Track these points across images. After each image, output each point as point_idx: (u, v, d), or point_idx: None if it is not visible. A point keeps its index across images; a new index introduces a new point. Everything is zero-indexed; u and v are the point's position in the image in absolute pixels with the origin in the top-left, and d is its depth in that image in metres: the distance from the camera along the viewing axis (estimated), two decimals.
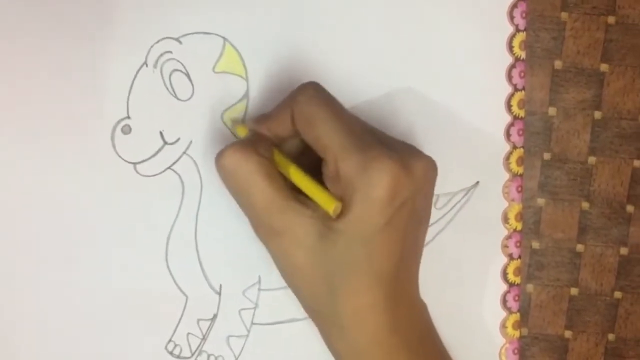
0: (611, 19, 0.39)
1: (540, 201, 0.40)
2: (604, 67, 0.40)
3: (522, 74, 0.39)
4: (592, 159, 0.40)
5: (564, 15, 0.39)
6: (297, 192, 0.33)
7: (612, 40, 0.39)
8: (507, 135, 0.39)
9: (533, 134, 0.40)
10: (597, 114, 0.40)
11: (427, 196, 0.33)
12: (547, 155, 0.40)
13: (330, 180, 0.32)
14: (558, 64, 0.39)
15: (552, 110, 0.40)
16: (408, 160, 0.31)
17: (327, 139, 0.31)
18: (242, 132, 0.36)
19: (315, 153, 0.33)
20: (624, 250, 0.41)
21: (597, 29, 0.39)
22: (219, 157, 0.32)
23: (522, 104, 0.39)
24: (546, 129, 0.40)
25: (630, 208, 0.41)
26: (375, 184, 0.30)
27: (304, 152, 0.34)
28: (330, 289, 0.32)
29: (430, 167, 0.32)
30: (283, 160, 0.33)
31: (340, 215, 0.31)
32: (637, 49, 0.40)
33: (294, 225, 0.32)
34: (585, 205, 0.41)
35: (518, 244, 0.40)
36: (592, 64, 0.40)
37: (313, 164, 0.33)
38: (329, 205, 0.31)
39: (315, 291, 0.33)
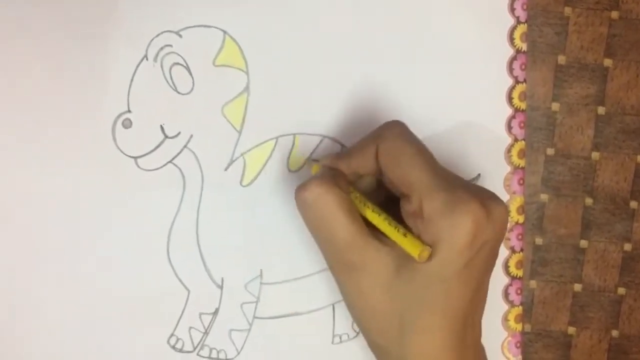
0: (614, 14, 0.39)
1: (544, 197, 0.40)
2: (607, 62, 0.39)
3: (523, 67, 0.38)
4: (595, 155, 0.40)
5: (567, 10, 0.39)
6: (373, 229, 0.32)
7: (615, 35, 0.39)
8: (509, 127, 0.38)
9: (536, 130, 0.39)
10: (601, 110, 0.39)
11: (500, 240, 0.33)
12: (550, 151, 0.39)
13: (411, 217, 0.31)
14: (561, 59, 0.39)
15: (555, 106, 0.39)
16: (489, 205, 0.30)
17: (414, 176, 0.31)
18: (315, 169, 0.35)
19: (386, 192, 0.33)
20: (627, 246, 0.40)
21: (600, 24, 0.39)
22: (301, 190, 0.32)
23: (523, 96, 0.38)
24: (549, 125, 0.39)
25: (634, 204, 0.40)
26: (460, 227, 0.30)
27: (374, 191, 0.34)
28: (400, 325, 0.32)
29: (507, 212, 0.32)
30: (359, 199, 0.33)
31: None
32: None
33: (372, 262, 0.32)
34: (588, 201, 0.40)
35: (520, 237, 0.39)
36: (596, 59, 0.39)
37: (380, 203, 0.33)
38: (414, 249, 0.30)
39: (385, 327, 0.32)
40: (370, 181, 0.34)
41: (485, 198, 0.31)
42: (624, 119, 0.39)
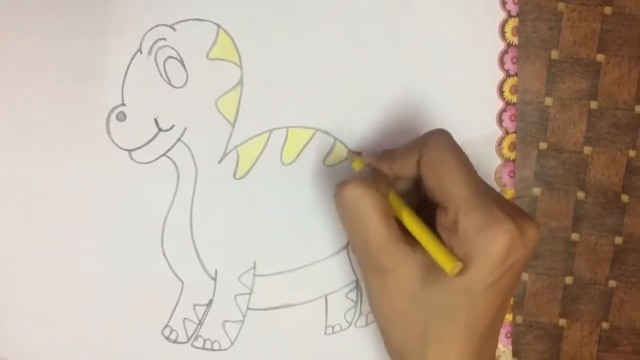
0: (608, 10, 0.38)
1: (536, 190, 0.39)
2: (600, 57, 0.39)
3: (514, 60, 0.38)
4: (587, 149, 0.39)
5: (560, 5, 0.38)
6: (406, 233, 0.32)
7: (608, 30, 0.38)
8: (500, 120, 0.38)
9: (529, 124, 0.39)
10: (593, 104, 0.39)
11: (529, 260, 0.33)
12: (543, 145, 0.39)
13: (445, 229, 0.31)
14: (555, 54, 0.38)
15: (548, 100, 0.39)
16: (524, 225, 0.30)
17: (454, 189, 0.30)
18: (357, 165, 0.35)
19: (422, 195, 0.33)
20: (618, 240, 0.40)
21: (593, 20, 0.38)
22: (341, 189, 0.31)
23: (514, 89, 0.38)
24: (542, 119, 0.39)
25: (625, 198, 0.40)
26: (494, 245, 0.29)
27: (410, 192, 0.34)
28: (423, 334, 0.31)
29: (539, 234, 0.31)
30: (397, 202, 0.32)
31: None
32: (634, 40, 0.38)
33: (401, 267, 0.31)
34: (580, 194, 0.40)
35: None
36: (589, 54, 0.38)
37: (415, 205, 0.33)
38: (447, 262, 0.30)
39: (407, 333, 0.32)
40: (408, 183, 0.34)
41: (520, 218, 0.30)
42: (616, 113, 0.39)
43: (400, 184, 0.34)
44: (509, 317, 0.39)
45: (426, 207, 0.32)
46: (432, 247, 0.30)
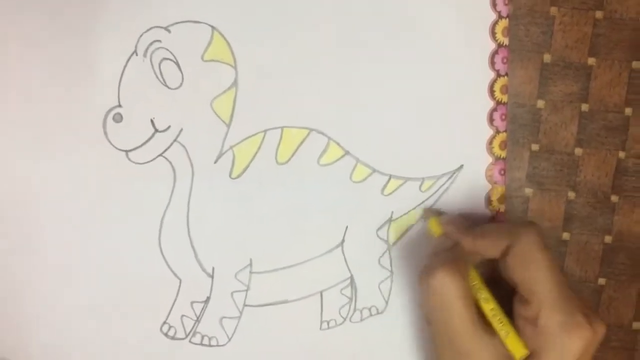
0: (599, 14, 0.37)
1: (528, 191, 0.39)
2: (591, 60, 0.38)
3: (505, 60, 0.37)
4: (578, 151, 0.39)
5: (553, 9, 0.37)
6: (482, 315, 0.33)
7: (599, 34, 0.38)
8: (490, 120, 0.37)
9: (521, 126, 0.38)
10: (584, 107, 0.38)
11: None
12: (535, 147, 0.38)
13: (523, 319, 0.32)
14: (547, 57, 0.38)
15: (540, 103, 0.38)
16: (597, 328, 0.31)
17: (540, 286, 0.31)
18: (436, 230, 0.36)
19: (493, 270, 0.33)
20: (608, 239, 0.40)
21: (585, 24, 0.37)
22: (429, 274, 0.32)
23: (504, 89, 0.37)
24: (534, 121, 0.38)
25: (614, 198, 0.39)
26: (572, 346, 0.30)
27: (480, 265, 0.34)
28: None
29: (605, 332, 0.32)
30: (476, 284, 0.33)
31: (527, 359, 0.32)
32: (624, 44, 0.38)
33: (477, 354, 0.32)
34: (571, 195, 0.39)
35: None
36: (580, 58, 0.38)
37: (485, 277, 0.34)
38: (517, 351, 0.31)
39: None
40: (482, 259, 0.34)
41: (593, 320, 0.31)
42: (606, 116, 0.38)
43: (474, 258, 0.34)
44: None
45: (499, 281, 0.33)
46: (502, 333, 0.32)
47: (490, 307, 0.33)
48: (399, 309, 0.38)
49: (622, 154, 0.39)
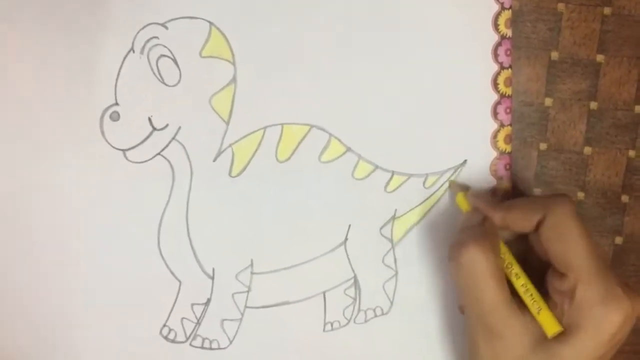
0: (607, 10, 0.37)
1: (537, 191, 0.38)
2: (600, 57, 0.37)
3: (508, 52, 0.36)
4: (587, 149, 0.38)
5: (560, 6, 0.37)
6: (513, 292, 0.32)
7: (608, 31, 0.37)
8: (494, 113, 0.36)
9: (529, 125, 0.37)
10: (593, 105, 0.37)
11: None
12: (543, 146, 0.38)
13: (559, 293, 0.31)
14: (554, 55, 0.37)
15: (548, 101, 0.37)
16: (635, 304, 0.30)
17: (576, 259, 0.30)
18: (464, 205, 0.35)
19: (527, 246, 0.33)
20: (618, 240, 0.39)
21: (593, 20, 0.37)
22: (457, 250, 0.31)
23: (508, 82, 0.36)
24: (542, 120, 0.37)
25: (625, 198, 0.38)
26: (610, 320, 0.30)
27: (512, 241, 0.34)
28: None
29: None
30: (507, 260, 0.32)
31: (562, 335, 0.30)
32: (633, 40, 0.37)
33: (510, 332, 0.31)
34: (580, 195, 0.38)
35: None
36: (588, 55, 0.37)
37: (519, 255, 0.33)
38: (551, 327, 0.30)
39: None
40: (513, 234, 0.33)
41: (633, 296, 0.30)
42: (615, 114, 0.37)
43: (505, 234, 0.33)
44: None
45: (529, 258, 0.32)
46: (538, 310, 0.31)
47: (521, 282, 0.31)
48: (405, 309, 0.37)
49: (632, 153, 0.38)
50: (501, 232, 0.33)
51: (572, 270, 0.30)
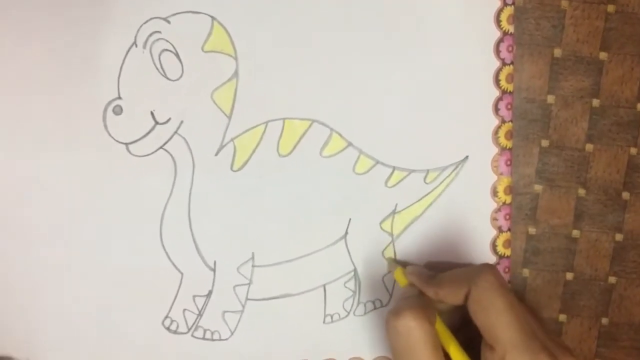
0: (611, 8, 0.36)
1: (538, 188, 0.37)
2: (603, 55, 0.36)
3: (510, 49, 0.35)
4: (589, 147, 0.37)
5: (564, 3, 0.36)
6: None
7: (611, 28, 0.36)
8: (496, 109, 0.36)
9: (531, 121, 0.36)
10: (596, 102, 0.37)
11: None
12: (545, 143, 0.37)
13: None
14: (557, 52, 0.36)
15: (550, 98, 0.36)
16: None
17: (501, 331, 0.30)
18: (402, 280, 0.35)
19: (463, 316, 0.32)
20: (619, 237, 0.38)
21: (596, 18, 0.36)
22: (395, 317, 0.31)
23: (510, 78, 0.35)
24: (545, 117, 0.36)
25: (625, 195, 0.38)
26: None
27: (450, 312, 0.34)
28: None
29: None
30: (444, 332, 0.32)
31: None
32: (636, 38, 0.36)
33: None
34: (581, 192, 0.37)
35: (507, 217, 0.37)
36: (592, 52, 0.36)
37: (455, 324, 0.33)
38: None
39: None
40: (450, 306, 0.33)
41: (560, 358, 0.30)
42: (618, 111, 0.37)
43: (443, 305, 0.33)
44: None
45: (468, 327, 0.32)
46: None
47: (456, 353, 0.31)
48: None
49: (633, 150, 0.37)
50: (439, 303, 0.33)
51: (499, 343, 0.30)
